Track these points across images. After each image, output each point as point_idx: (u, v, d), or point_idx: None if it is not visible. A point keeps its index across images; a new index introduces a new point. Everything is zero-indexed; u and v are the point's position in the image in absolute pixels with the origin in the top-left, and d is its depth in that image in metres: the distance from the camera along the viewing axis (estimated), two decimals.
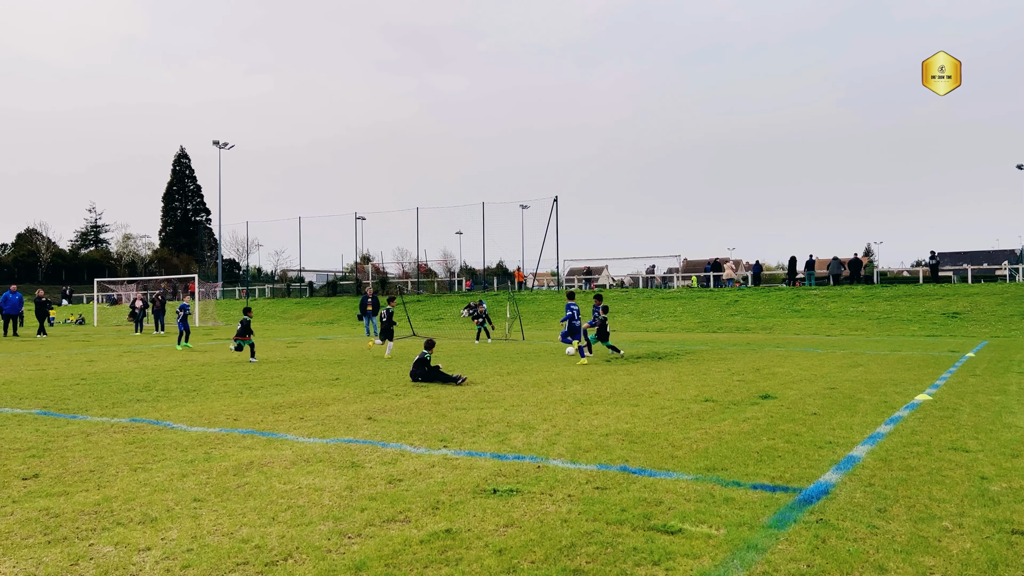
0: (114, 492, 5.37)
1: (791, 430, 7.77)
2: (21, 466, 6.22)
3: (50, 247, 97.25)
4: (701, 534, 4.41)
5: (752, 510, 4.89)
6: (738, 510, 4.88)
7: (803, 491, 5.36)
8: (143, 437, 7.52)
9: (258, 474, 5.91)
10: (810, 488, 5.44)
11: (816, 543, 4.25)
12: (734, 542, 4.27)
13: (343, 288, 55.70)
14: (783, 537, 4.36)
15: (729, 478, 5.74)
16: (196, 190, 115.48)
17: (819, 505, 5.00)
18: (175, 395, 10.87)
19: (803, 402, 9.80)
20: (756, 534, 4.41)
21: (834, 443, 7.09)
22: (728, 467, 6.11)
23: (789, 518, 4.71)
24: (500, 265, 65.30)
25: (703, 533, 4.43)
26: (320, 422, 8.43)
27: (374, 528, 4.54)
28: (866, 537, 4.38)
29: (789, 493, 5.31)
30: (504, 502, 5.08)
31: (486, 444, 7.09)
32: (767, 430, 7.77)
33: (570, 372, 13.92)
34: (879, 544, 4.26)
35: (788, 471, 5.97)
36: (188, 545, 4.23)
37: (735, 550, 4.14)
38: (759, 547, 4.19)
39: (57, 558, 4.03)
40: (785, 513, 4.82)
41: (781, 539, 4.33)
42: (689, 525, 4.57)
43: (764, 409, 9.21)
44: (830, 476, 5.80)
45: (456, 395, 10.67)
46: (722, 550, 4.15)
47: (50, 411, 9.35)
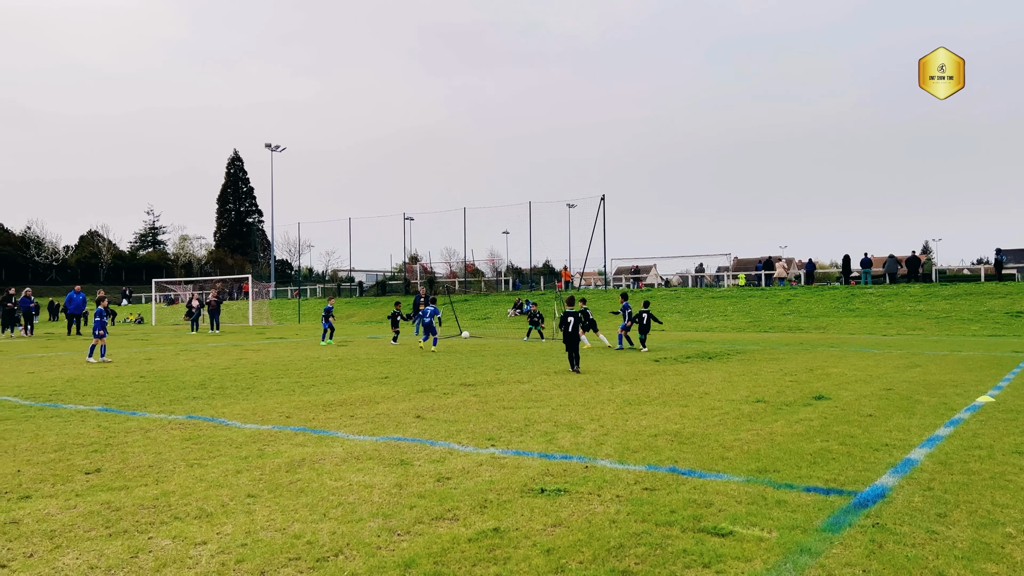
0: (171, 487, 5.52)
1: (846, 432, 7.59)
2: (84, 461, 6.44)
3: (111, 249, 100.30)
4: (752, 537, 4.34)
5: (805, 513, 4.79)
6: (791, 513, 4.79)
7: (858, 494, 5.24)
8: (199, 434, 7.71)
9: (310, 471, 6.01)
10: (866, 491, 5.31)
11: (872, 548, 4.15)
12: (786, 545, 4.19)
13: (392, 288, 56.30)
14: (837, 541, 4.27)
15: (781, 480, 5.64)
16: (249, 192, 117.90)
17: (875, 509, 4.88)
18: (230, 393, 11.12)
19: (858, 403, 9.58)
20: (809, 538, 4.32)
21: (891, 445, 6.91)
22: (780, 469, 6.00)
23: (844, 522, 4.61)
24: (547, 264, 65.28)
25: (755, 536, 4.36)
26: (370, 420, 8.53)
27: (423, 526, 4.57)
28: (925, 543, 4.25)
29: (844, 496, 5.20)
30: (552, 502, 5.07)
31: (533, 443, 7.09)
32: (821, 432, 7.61)
33: (618, 371, 13.84)
34: (939, 550, 4.14)
35: (843, 474, 5.84)
36: (242, 540, 4.32)
37: (788, 553, 4.07)
38: (812, 551, 4.10)
39: (118, 550, 4.16)
40: (839, 517, 4.72)
41: (835, 543, 4.23)
42: (740, 527, 4.50)
43: (817, 410, 9.02)
44: (887, 479, 5.65)
45: (503, 394, 10.70)
46: (774, 553, 4.08)
47: (111, 408, 9.65)
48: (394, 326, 23.92)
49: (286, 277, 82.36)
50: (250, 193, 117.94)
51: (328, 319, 23.83)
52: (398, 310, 24.02)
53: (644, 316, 19.96)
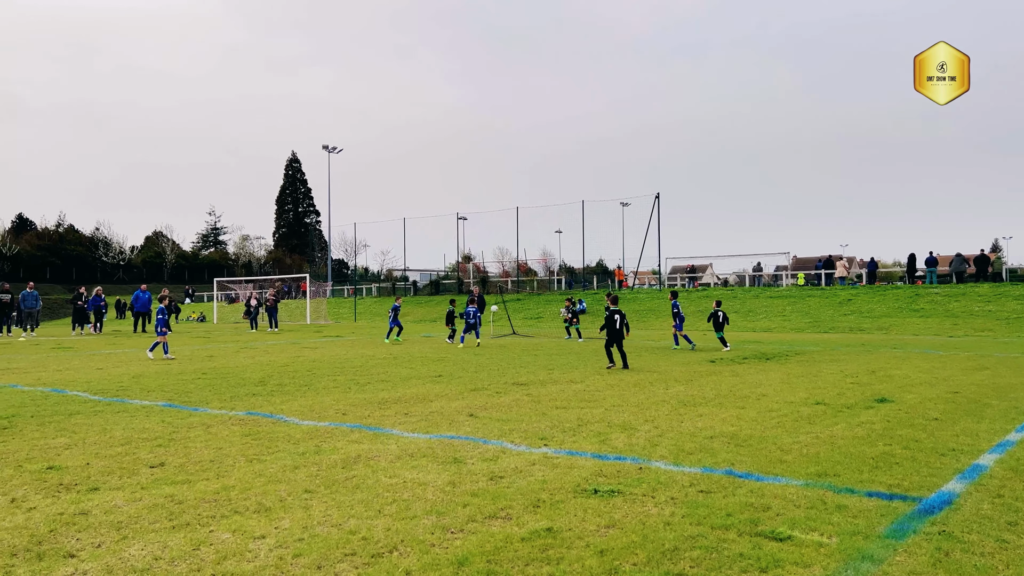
0: (232, 481, 5.65)
1: (910, 436, 7.36)
2: (149, 455, 6.64)
3: (174, 248, 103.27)
4: (812, 542, 4.24)
5: (867, 519, 4.66)
6: (852, 518, 4.67)
7: (923, 500, 5.07)
8: (258, 430, 7.88)
9: (365, 467, 6.09)
10: (931, 498, 5.14)
11: (938, 556, 4.01)
12: (847, 551, 4.08)
13: (445, 287, 56.70)
14: (901, 548, 4.14)
15: (842, 484, 5.49)
16: (307, 193, 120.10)
17: (941, 516, 4.72)
18: (288, 390, 11.34)
19: (923, 406, 9.28)
20: (871, 544, 4.20)
21: (958, 451, 6.67)
22: (841, 473, 5.85)
23: (908, 528, 4.47)
24: (600, 263, 64.92)
25: (814, 541, 4.25)
26: (424, 418, 8.60)
27: (476, 524, 4.59)
28: (995, 552, 4.09)
29: (908, 502, 5.04)
30: (605, 502, 5.04)
31: (587, 444, 7.05)
32: (883, 435, 7.40)
33: (672, 372, 13.68)
34: (1009, 559, 3.98)
35: (907, 479, 5.67)
36: (299, 535, 4.40)
37: (848, 560, 3.96)
38: (875, 558, 3.99)
39: (180, 542, 4.27)
40: (903, 523, 4.57)
41: (899, 550, 4.10)
42: (799, 532, 4.40)
43: (880, 413, 8.77)
44: (953, 485, 5.46)
45: (556, 394, 10.67)
46: (834, 559, 3.97)
47: (175, 403, 9.94)
48: (449, 323, 24.15)
49: (342, 276, 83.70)
50: (308, 194, 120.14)
51: (396, 317, 24.23)
52: (453, 308, 24.22)
53: (719, 315, 20.17)
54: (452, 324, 24.11)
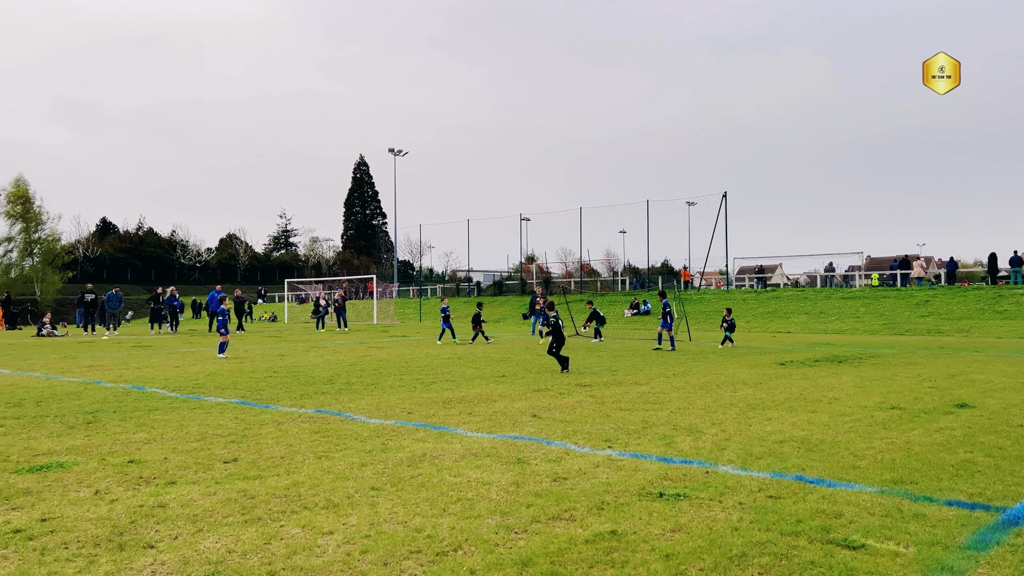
0: (301, 478, 5.78)
1: (993, 443, 7.05)
2: (223, 450, 6.85)
3: (247, 250, 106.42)
4: (887, 551, 4.09)
5: (946, 528, 4.47)
6: (930, 527, 4.49)
7: (1008, 511, 4.84)
8: (327, 427, 8.05)
9: (430, 466, 6.15)
10: (1016, 507, 4.90)
11: (1023, 569, 3.83)
12: (925, 562, 3.93)
13: (509, 287, 56.91)
14: (984, 560, 3.96)
15: (919, 492, 5.29)
16: (374, 195, 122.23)
17: None
18: (355, 388, 11.55)
19: (1007, 412, 8.87)
20: (951, 555, 4.03)
21: None
22: (918, 480, 5.64)
23: (991, 539, 4.27)
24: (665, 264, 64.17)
25: (889, 550, 4.11)
26: (487, 418, 8.65)
27: (540, 525, 4.58)
28: None
29: (990, 512, 4.82)
30: (671, 506, 4.97)
31: (652, 446, 6.97)
32: (964, 442, 7.10)
33: (740, 375, 13.42)
34: None
35: (989, 488, 5.42)
36: (366, 531, 4.47)
37: (927, 571, 3.81)
38: (955, 569, 3.83)
39: (252, 536, 4.39)
40: (986, 534, 4.38)
41: (981, 562, 3.93)
42: (874, 541, 4.25)
43: (960, 419, 8.42)
44: None
45: (620, 395, 10.59)
46: (911, 570, 3.83)
47: (247, 401, 10.23)
48: (476, 326, 24.56)
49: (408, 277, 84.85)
50: (374, 196, 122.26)
51: (447, 319, 24.44)
52: (480, 311, 25.12)
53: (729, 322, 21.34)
54: (479, 326, 24.43)
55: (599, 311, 26.26)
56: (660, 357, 17.46)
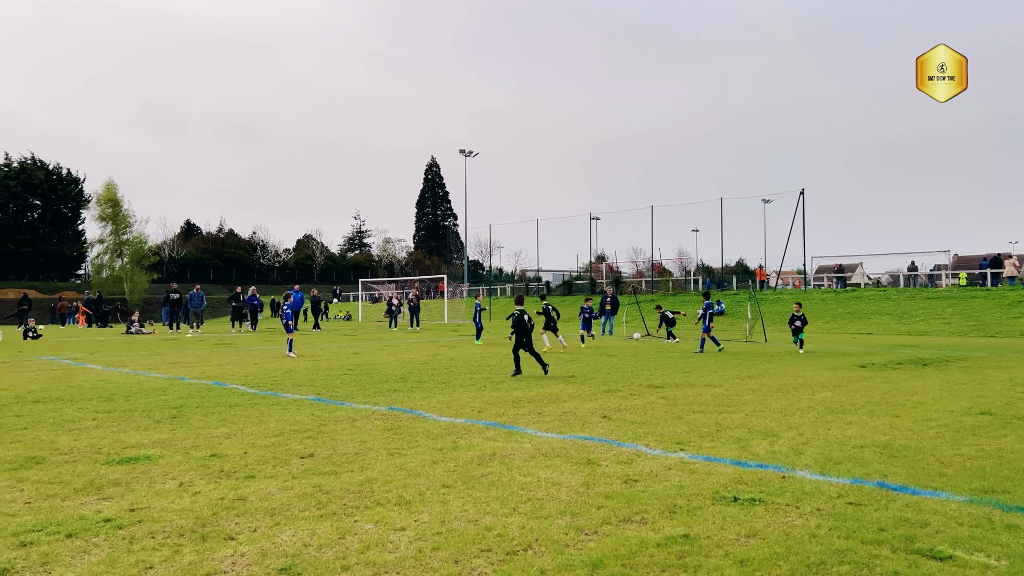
0: (374, 474, 5.88)
1: None
2: (299, 446, 7.03)
3: (323, 251, 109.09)
4: (977, 563, 3.90)
5: None
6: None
7: None
8: (399, 424, 8.17)
9: (500, 465, 6.17)
10: None
11: None
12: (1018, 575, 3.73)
13: (578, 287, 56.68)
14: None
15: (1012, 502, 5.03)
16: (445, 196, 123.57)
17: None
18: (427, 387, 11.69)
19: None
20: None
21: None
22: (1011, 490, 5.36)
23: None
24: (740, 263, 62.89)
25: (979, 563, 3.91)
26: (557, 418, 8.63)
27: (610, 527, 4.54)
28: None
29: None
30: (745, 511, 4.86)
31: (725, 450, 6.83)
32: None
33: (818, 377, 13.03)
34: None
35: None
36: (438, 529, 4.51)
37: None
38: None
39: (327, 531, 4.49)
40: None
41: None
42: (962, 552, 4.06)
43: None
44: None
45: (693, 397, 10.42)
46: None
47: (323, 398, 10.47)
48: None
49: (478, 277, 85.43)
50: (445, 197, 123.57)
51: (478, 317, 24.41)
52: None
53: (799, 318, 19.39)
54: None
55: (668, 312, 25.97)
56: (735, 359, 17.11)
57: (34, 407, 9.54)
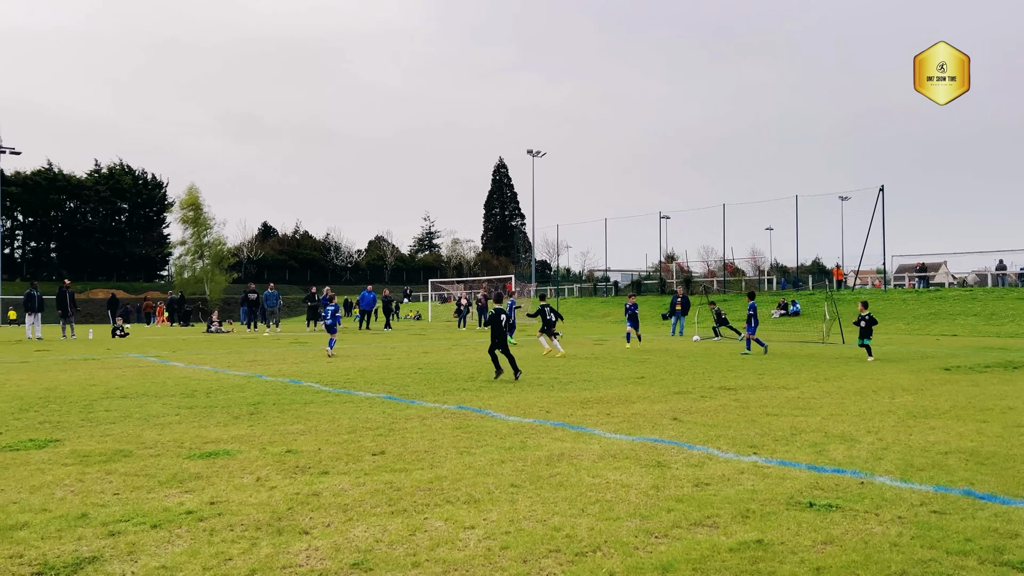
0: (444, 472, 5.94)
1: None
2: (371, 443, 7.16)
3: (393, 252, 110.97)
4: None
5: None
6: None
7: None
8: (468, 423, 8.23)
9: (568, 465, 6.15)
10: None
11: None
12: None
13: (647, 287, 56.09)
14: None
15: None
16: (512, 196, 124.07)
17: None
18: (495, 386, 11.75)
19: None
20: None
21: None
22: None
23: None
24: (816, 262, 61.17)
25: None
26: (626, 419, 8.55)
27: (681, 530, 4.48)
28: None
29: None
30: (822, 517, 4.72)
31: (800, 454, 6.65)
32: None
33: (899, 380, 12.56)
34: None
35: None
36: (506, 528, 4.53)
37: None
38: None
39: (398, 527, 4.56)
40: None
41: None
42: None
43: None
44: None
45: (767, 400, 10.18)
46: None
47: (393, 396, 10.64)
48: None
49: (545, 277, 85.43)
50: (513, 197, 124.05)
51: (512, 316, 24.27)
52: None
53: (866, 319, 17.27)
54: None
55: (721, 311, 25.54)
56: (810, 361, 16.65)
57: (122, 402, 9.99)
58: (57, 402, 9.99)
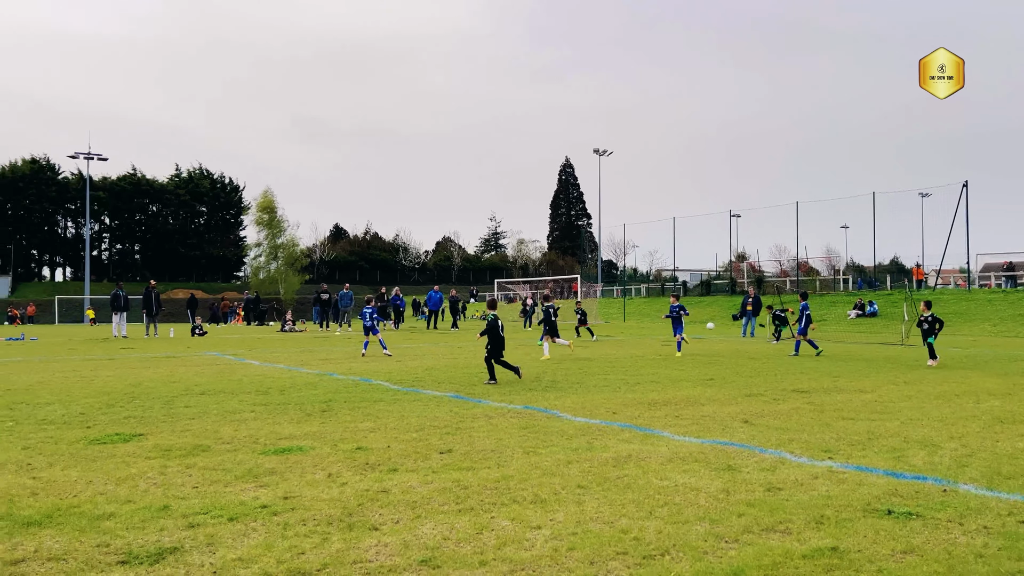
0: (510, 471, 5.96)
1: None
2: (439, 441, 7.24)
3: (460, 252, 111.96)
4: None
5: None
6: None
7: None
8: (534, 423, 8.24)
9: (635, 467, 6.09)
10: None
11: None
12: None
13: (717, 287, 55.10)
14: None
15: None
16: (579, 196, 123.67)
17: None
18: (561, 387, 11.73)
19: None
20: None
21: None
22: None
23: None
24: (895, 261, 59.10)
25: None
26: (695, 421, 8.42)
27: (752, 535, 4.38)
28: None
29: None
30: (901, 525, 4.55)
31: (878, 459, 6.43)
32: None
33: (985, 384, 12.01)
34: None
35: None
36: (573, 529, 4.51)
37: None
38: None
39: (466, 525, 4.59)
40: None
41: None
42: None
43: None
44: None
45: (842, 403, 9.88)
46: None
47: (460, 395, 10.73)
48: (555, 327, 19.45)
49: (612, 277, 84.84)
50: (579, 197, 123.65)
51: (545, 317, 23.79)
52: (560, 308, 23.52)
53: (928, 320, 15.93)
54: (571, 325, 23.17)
55: (779, 311, 24.92)
56: (889, 363, 16.08)
57: (200, 399, 10.35)
58: (141, 398, 10.42)
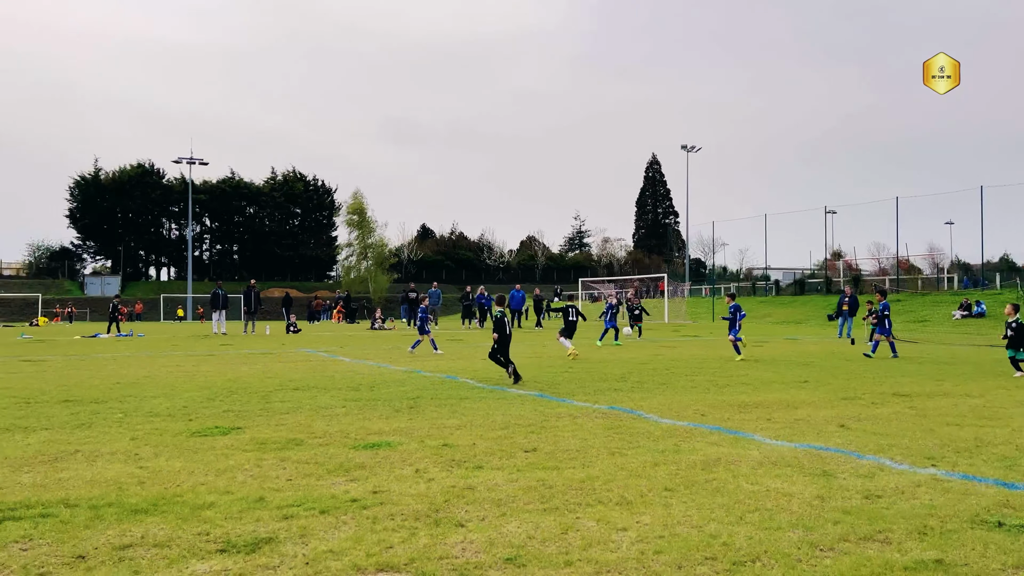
0: (595, 472, 5.91)
1: None
2: (523, 440, 7.25)
3: (544, 251, 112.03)
4: None
5: None
6: None
7: None
8: (619, 424, 8.15)
9: (725, 471, 5.94)
10: None
11: None
12: None
13: (811, 286, 53.32)
14: None
15: None
16: (666, 194, 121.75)
17: None
18: (647, 387, 11.57)
19: None
20: None
21: None
22: None
23: None
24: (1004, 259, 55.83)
25: None
26: (788, 425, 8.16)
27: (849, 544, 4.20)
28: None
29: None
30: (1013, 539, 4.27)
31: (987, 468, 6.07)
32: None
33: None
34: None
35: None
36: (660, 532, 4.43)
37: None
38: None
39: (550, 525, 4.58)
40: None
41: None
42: None
43: None
44: None
45: (947, 408, 9.38)
46: None
47: (545, 394, 10.73)
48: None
49: (700, 276, 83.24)
50: (667, 195, 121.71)
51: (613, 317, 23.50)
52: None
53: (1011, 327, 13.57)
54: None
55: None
56: (999, 367, 15.17)
57: (294, 394, 10.70)
58: (239, 392, 10.86)
